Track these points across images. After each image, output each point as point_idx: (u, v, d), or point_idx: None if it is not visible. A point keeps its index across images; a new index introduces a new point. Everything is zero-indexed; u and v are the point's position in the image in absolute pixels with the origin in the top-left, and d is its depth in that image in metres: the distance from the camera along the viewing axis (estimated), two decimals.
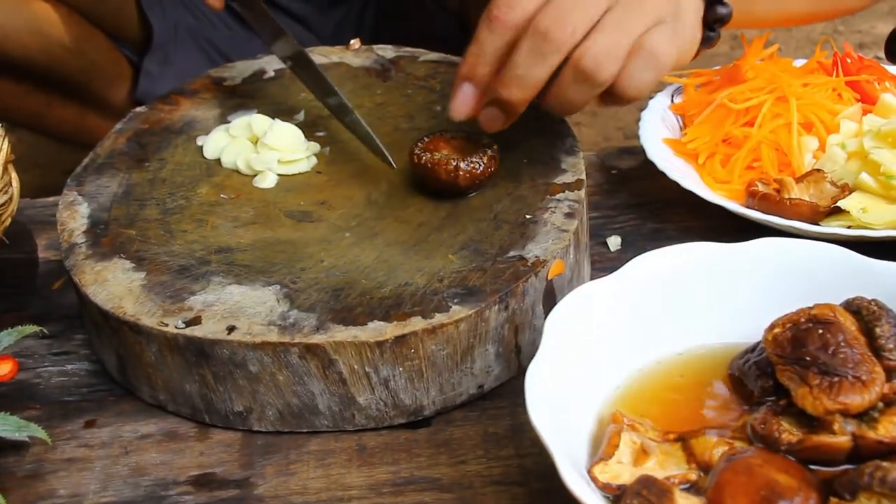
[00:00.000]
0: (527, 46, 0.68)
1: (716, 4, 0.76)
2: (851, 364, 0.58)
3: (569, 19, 0.67)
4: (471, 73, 0.71)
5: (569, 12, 0.68)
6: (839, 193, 0.82)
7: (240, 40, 1.32)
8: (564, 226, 0.74)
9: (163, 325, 0.68)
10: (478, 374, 0.71)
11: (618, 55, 0.69)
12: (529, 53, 0.68)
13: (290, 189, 0.82)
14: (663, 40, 0.70)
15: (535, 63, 0.69)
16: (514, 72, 0.69)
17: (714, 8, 0.76)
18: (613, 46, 0.69)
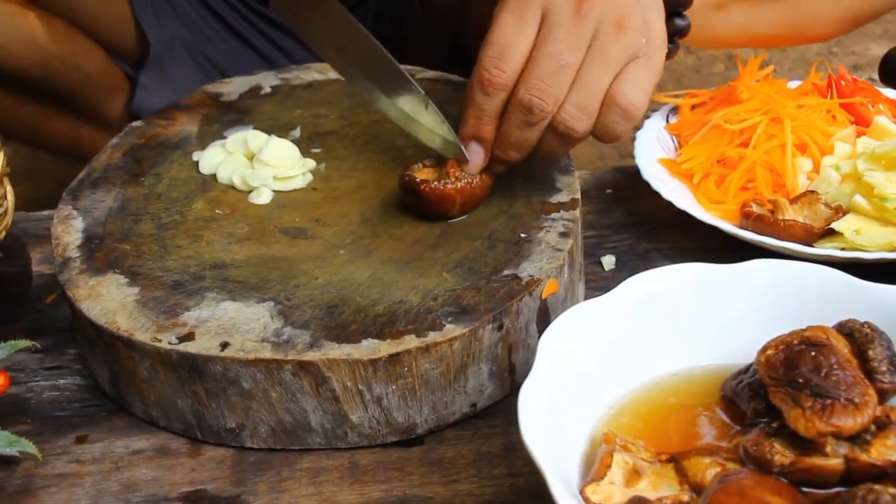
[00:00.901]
0: (515, 118, 0.74)
1: (674, 17, 0.78)
2: (844, 386, 0.58)
3: (550, 90, 0.72)
4: (476, 133, 0.76)
5: (548, 81, 0.72)
6: (833, 215, 0.82)
7: (236, 55, 1.33)
8: (559, 245, 0.74)
9: (156, 341, 0.68)
10: (471, 393, 0.71)
11: (592, 111, 0.73)
12: (519, 124, 0.74)
13: (286, 205, 0.82)
14: (636, 84, 0.73)
15: (525, 130, 0.74)
16: (508, 139, 0.75)
17: (672, 20, 0.78)
18: (588, 103, 0.73)
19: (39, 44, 1.17)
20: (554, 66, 0.71)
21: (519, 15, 0.73)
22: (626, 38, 0.72)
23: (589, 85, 0.72)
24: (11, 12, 1.14)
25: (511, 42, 0.72)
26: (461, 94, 0.93)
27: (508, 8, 0.73)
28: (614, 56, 0.72)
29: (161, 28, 1.31)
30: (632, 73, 0.73)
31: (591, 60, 0.72)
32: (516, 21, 0.73)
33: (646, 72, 0.74)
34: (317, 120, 0.92)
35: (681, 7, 0.78)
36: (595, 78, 0.72)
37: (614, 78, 0.73)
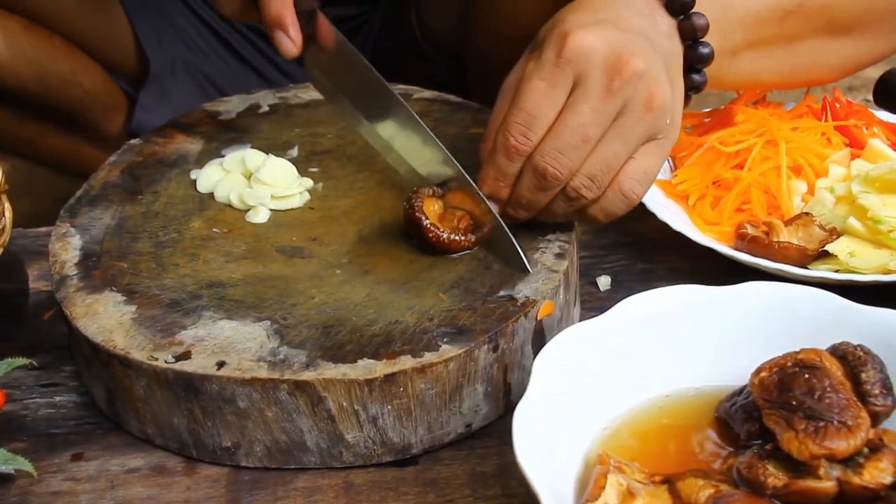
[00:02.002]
0: (529, 181, 0.74)
1: (692, 73, 0.78)
2: (837, 409, 0.59)
3: (567, 161, 0.72)
4: (494, 193, 0.76)
5: (568, 153, 0.72)
6: (827, 237, 0.83)
7: (236, 74, 1.33)
8: (555, 266, 0.75)
9: (153, 360, 0.69)
10: (466, 413, 0.71)
11: (603, 183, 0.74)
12: (532, 188, 0.74)
13: (283, 224, 0.82)
14: (645, 173, 0.74)
15: (537, 194, 0.74)
16: (520, 199, 0.75)
17: (690, 76, 0.78)
18: (601, 176, 0.73)
19: (39, 61, 1.17)
20: (576, 139, 0.71)
21: (551, 83, 0.72)
22: (651, 118, 0.72)
23: (606, 158, 0.72)
24: (12, 29, 1.14)
25: (540, 111, 0.72)
26: (459, 113, 0.94)
27: (540, 74, 0.72)
28: (636, 135, 0.72)
29: (161, 47, 1.31)
30: (644, 158, 0.74)
31: (614, 135, 0.72)
32: (547, 89, 0.72)
33: (657, 158, 0.74)
34: (314, 139, 0.92)
35: (700, 64, 0.78)
36: (613, 153, 0.72)
37: (630, 156, 0.73)
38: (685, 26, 0.76)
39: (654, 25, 0.75)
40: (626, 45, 0.71)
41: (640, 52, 0.71)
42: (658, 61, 0.73)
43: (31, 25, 1.15)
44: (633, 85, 0.71)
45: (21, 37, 1.14)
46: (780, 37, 0.83)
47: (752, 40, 0.82)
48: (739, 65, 0.83)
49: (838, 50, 0.87)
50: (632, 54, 0.71)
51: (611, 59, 0.71)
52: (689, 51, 0.77)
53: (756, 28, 0.81)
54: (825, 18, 0.84)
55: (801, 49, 0.85)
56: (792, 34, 0.84)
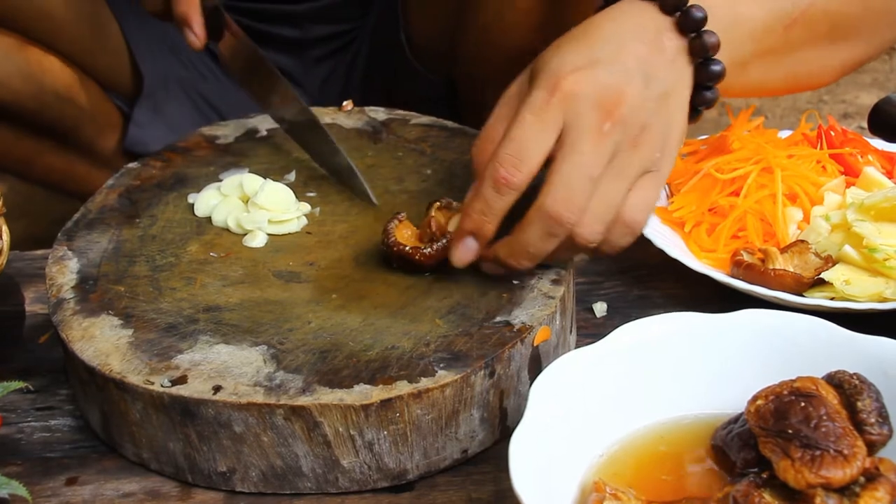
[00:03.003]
0: (538, 229, 0.72)
1: (703, 90, 0.78)
2: (833, 438, 0.59)
3: (577, 202, 0.71)
4: (477, 229, 0.74)
5: (577, 193, 0.71)
6: (823, 265, 0.83)
7: (229, 92, 1.33)
8: (551, 292, 0.75)
9: (149, 384, 0.69)
10: (462, 439, 0.71)
11: (608, 223, 0.74)
12: (542, 235, 0.73)
13: (280, 249, 0.82)
14: (644, 203, 0.75)
15: (546, 242, 0.73)
16: (526, 248, 0.73)
17: (701, 93, 0.79)
18: (605, 216, 0.73)
19: (35, 78, 1.17)
20: (582, 178, 0.71)
21: (541, 118, 0.72)
22: (642, 154, 0.73)
23: (607, 198, 0.73)
24: (8, 46, 1.14)
25: (530, 144, 0.72)
26: (456, 139, 0.94)
27: (530, 108, 0.72)
28: (630, 171, 0.73)
29: (156, 64, 1.32)
30: (642, 189, 0.74)
31: (610, 175, 0.72)
32: (538, 123, 0.72)
33: (654, 189, 0.75)
34: (312, 164, 0.92)
35: (711, 82, 0.78)
36: (613, 192, 0.73)
37: (627, 191, 0.74)
38: (696, 45, 0.76)
39: (658, 52, 0.76)
40: (617, 87, 0.72)
41: (630, 93, 0.72)
42: (650, 99, 0.73)
43: (27, 42, 1.16)
44: (622, 127, 0.72)
45: (17, 54, 1.15)
46: (787, 45, 0.84)
47: (761, 50, 0.82)
48: (748, 75, 0.83)
49: (839, 53, 0.88)
50: (618, 100, 0.72)
51: (601, 103, 0.72)
52: (700, 69, 0.77)
53: (764, 38, 0.82)
54: (827, 24, 0.85)
55: (806, 55, 0.86)
56: (797, 41, 0.84)
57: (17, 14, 1.14)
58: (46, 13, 1.16)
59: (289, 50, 1.32)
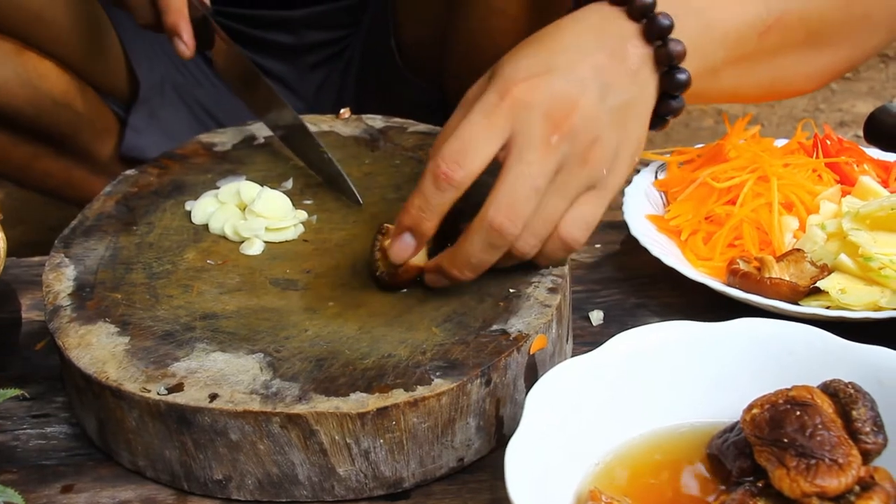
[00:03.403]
0: (480, 239, 0.72)
1: (668, 99, 0.78)
2: (828, 447, 0.59)
3: (521, 213, 0.71)
4: (415, 225, 0.73)
5: (522, 204, 0.71)
6: (818, 273, 0.83)
7: (225, 98, 1.34)
8: (547, 301, 0.75)
9: (145, 391, 0.69)
10: (458, 448, 0.71)
11: (544, 238, 0.74)
12: (484, 246, 0.72)
13: (277, 257, 0.82)
14: (583, 221, 0.74)
15: (488, 253, 0.73)
16: (468, 259, 0.73)
17: (666, 101, 0.78)
18: (542, 231, 0.73)
19: (32, 83, 1.18)
20: (527, 190, 0.70)
21: (488, 120, 0.71)
22: (587, 171, 0.72)
23: (546, 213, 0.72)
24: (5, 52, 1.15)
25: (475, 142, 0.71)
26: None
27: (479, 109, 0.71)
28: (573, 188, 0.72)
29: (152, 70, 1.32)
30: (583, 206, 0.74)
31: (553, 189, 0.72)
32: (484, 124, 0.71)
33: (596, 206, 0.74)
34: (308, 171, 0.93)
35: (677, 91, 0.77)
36: (553, 207, 0.72)
37: (569, 206, 0.73)
38: (661, 53, 0.76)
39: (619, 61, 0.75)
40: (569, 98, 0.72)
41: (583, 105, 0.72)
42: (604, 111, 0.73)
43: (24, 48, 1.16)
44: (570, 141, 0.71)
45: (14, 59, 1.15)
46: (761, 51, 0.83)
47: (734, 57, 0.81)
48: (720, 82, 0.83)
49: (818, 60, 0.88)
50: (569, 112, 0.71)
51: (551, 113, 0.71)
52: (665, 78, 0.77)
53: (736, 45, 0.81)
54: (804, 30, 0.84)
55: (782, 62, 0.85)
56: (772, 48, 0.83)
57: (14, 19, 1.14)
58: (44, 19, 1.16)
59: (283, 56, 1.33)
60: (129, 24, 1.26)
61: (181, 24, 0.94)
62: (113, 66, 1.29)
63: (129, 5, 0.98)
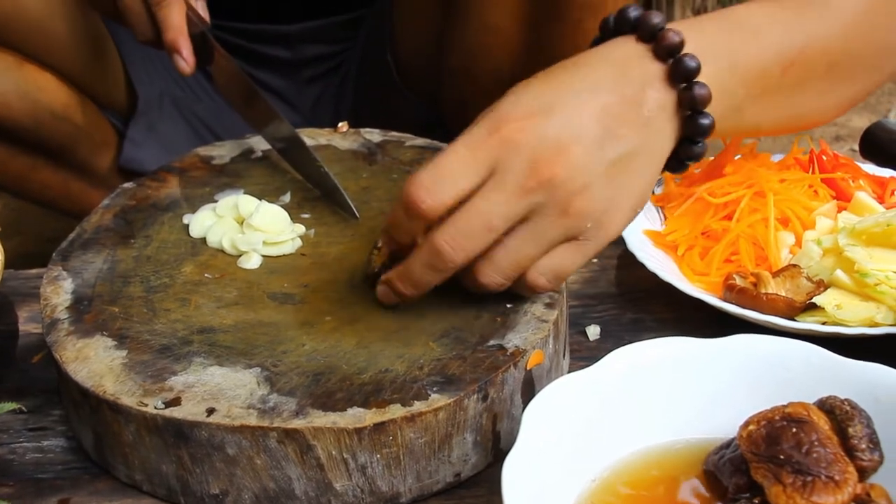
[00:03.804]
0: (423, 257, 0.71)
1: (689, 144, 0.75)
2: (825, 463, 0.59)
3: (465, 245, 0.70)
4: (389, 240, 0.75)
5: (468, 237, 0.69)
6: (815, 289, 0.83)
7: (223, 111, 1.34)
8: (544, 316, 0.75)
9: (142, 406, 0.69)
10: (455, 463, 0.71)
11: (510, 277, 0.72)
12: (424, 265, 0.71)
13: (274, 271, 0.82)
14: (556, 271, 0.72)
15: (428, 273, 0.72)
16: (411, 276, 0.73)
17: (687, 146, 0.76)
18: (508, 270, 0.72)
19: (31, 96, 1.18)
20: (479, 225, 0.69)
21: (471, 154, 0.69)
22: (567, 223, 0.70)
23: (514, 255, 0.71)
24: (5, 64, 1.15)
25: (452, 173, 0.69)
26: None
27: (465, 141, 0.70)
28: (548, 237, 0.71)
29: (151, 83, 1.32)
30: (556, 257, 0.72)
31: (523, 234, 0.70)
32: (465, 157, 0.69)
33: (574, 257, 0.72)
34: (306, 185, 0.93)
35: (699, 136, 0.75)
36: (521, 251, 0.71)
37: (542, 254, 0.72)
38: (685, 97, 0.73)
39: (632, 108, 0.72)
40: (559, 144, 0.69)
41: (573, 154, 0.69)
42: (600, 161, 0.70)
43: (24, 60, 1.16)
44: (548, 190, 0.69)
45: (14, 71, 1.16)
46: (784, 86, 0.81)
47: (756, 94, 0.80)
48: (743, 120, 0.81)
49: (837, 92, 0.86)
50: (555, 159, 0.69)
51: (535, 158, 0.69)
52: (688, 122, 0.74)
53: (759, 82, 0.79)
54: (826, 63, 0.83)
55: (802, 96, 0.84)
56: (795, 82, 0.82)
57: (14, 32, 1.15)
58: (44, 31, 1.17)
59: (281, 70, 1.33)
60: (129, 37, 1.26)
61: (181, 40, 0.95)
62: (112, 79, 1.29)
63: (129, 22, 0.99)
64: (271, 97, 1.35)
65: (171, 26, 0.95)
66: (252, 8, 1.30)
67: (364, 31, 1.32)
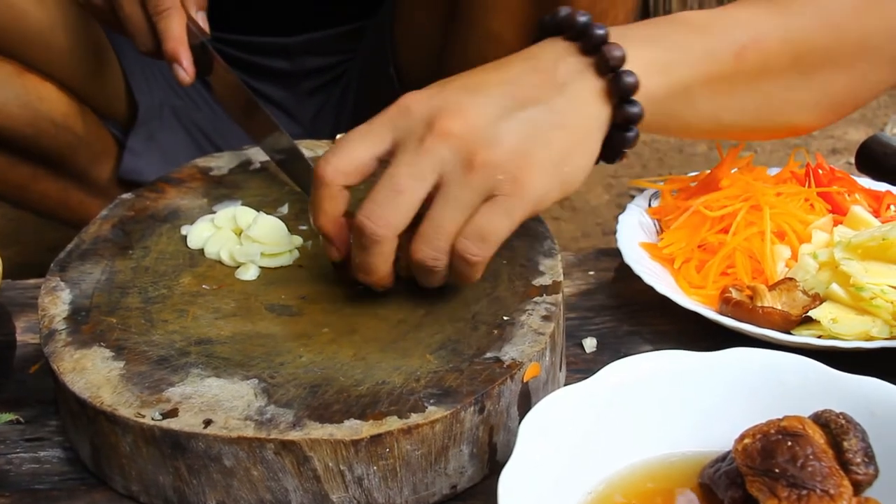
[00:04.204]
0: (355, 241, 0.74)
1: (624, 104, 0.75)
2: (820, 477, 0.59)
3: (382, 213, 0.71)
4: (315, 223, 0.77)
5: (382, 204, 0.71)
6: (810, 303, 0.84)
7: (223, 122, 1.35)
8: (541, 329, 0.75)
9: (139, 417, 0.69)
10: (451, 475, 0.71)
11: (442, 248, 0.73)
12: (358, 246, 0.74)
13: (272, 282, 0.83)
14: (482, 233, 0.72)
15: (363, 254, 0.74)
16: (354, 260, 0.75)
17: (622, 107, 0.75)
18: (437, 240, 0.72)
19: (32, 105, 1.19)
20: (388, 190, 0.71)
21: (370, 126, 0.74)
22: (475, 179, 0.70)
23: (436, 223, 0.72)
24: (6, 73, 1.16)
25: (349, 145, 0.74)
26: None
27: (377, 118, 0.74)
28: (463, 198, 0.71)
29: (151, 93, 1.33)
30: (482, 217, 0.71)
31: (441, 200, 0.71)
32: (365, 129, 0.74)
33: (499, 217, 0.71)
34: (304, 196, 0.93)
35: (625, 94, 0.74)
36: (446, 218, 0.71)
37: (469, 218, 0.72)
38: (614, 86, 0.74)
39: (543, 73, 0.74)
40: (453, 104, 0.71)
41: (473, 111, 0.71)
42: (503, 119, 0.71)
43: (25, 69, 1.17)
44: (448, 143, 0.70)
45: (15, 80, 1.16)
46: (741, 73, 0.81)
47: (706, 76, 0.79)
48: (696, 104, 0.80)
49: (810, 87, 0.85)
50: (453, 113, 0.71)
51: (430, 116, 0.71)
52: (617, 110, 0.75)
53: (707, 62, 0.79)
54: (790, 54, 0.83)
55: (767, 87, 0.83)
56: (753, 71, 0.81)
57: (15, 41, 1.15)
58: (45, 41, 1.17)
59: (281, 82, 1.34)
60: (129, 47, 1.27)
61: (181, 51, 0.96)
62: (112, 89, 1.30)
63: (130, 33, 1.00)
64: (271, 108, 1.35)
65: (172, 37, 0.96)
66: (252, 20, 1.30)
67: (365, 43, 1.33)
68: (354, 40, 1.33)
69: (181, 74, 0.97)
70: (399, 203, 0.71)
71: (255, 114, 0.96)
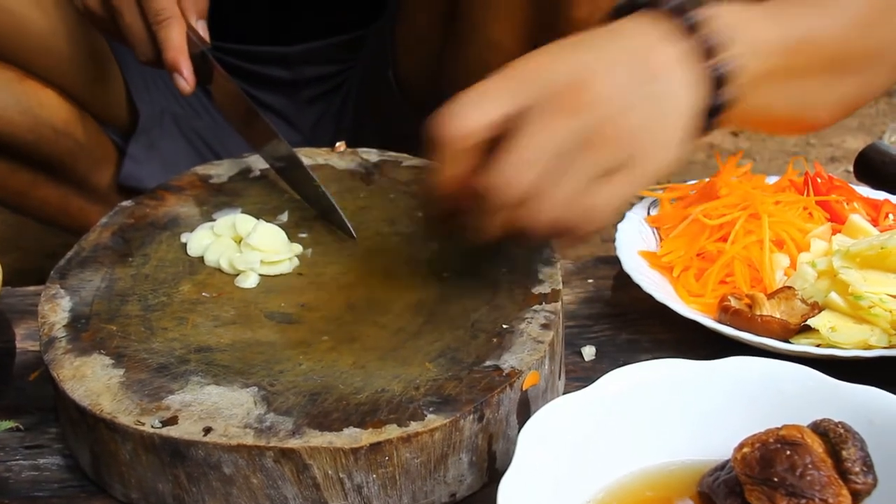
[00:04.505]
0: (479, 202, 0.72)
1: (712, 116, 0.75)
2: (818, 486, 0.59)
3: (517, 179, 0.70)
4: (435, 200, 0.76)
5: (517, 169, 0.70)
6: (809, 311, 0.84)
7: (223, 129, 1.35)
8: (540, 337, 0.75)
9: (139, 424, 0.69)
10: (451, 483, 0.71)
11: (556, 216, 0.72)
12: (481, 208, 0.72)
13: (272, 290, 0.83)
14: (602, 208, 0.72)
15: (482, 219, 0.73)
16: (472, 221, 0.74)
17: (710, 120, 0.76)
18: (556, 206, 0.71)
19: (33, 111, 1.19)
20: (519, 159, 0.70)
21: (497, 85, 0.72)
22: (597, 156, 0.70)
23: (558, 196, 0.71)
24: (7, 80, 1.16)
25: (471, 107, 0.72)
26: None
27: (489, 80, 0.72)
28: (583, 174, 0.71)
29: (151, 100, 1.33)
30: (604, 191, 0.72)
31: (563, 175, 0.70)
32: (493, 88, 0.72)
33: (621, 188, 0.72)
34: (304, 204, 0.93)
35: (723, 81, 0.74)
36: (565, 192, 0.71)
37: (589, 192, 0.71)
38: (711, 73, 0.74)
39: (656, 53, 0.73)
40: (592, 72, 0.70)
41: (607, 80, 0.70)
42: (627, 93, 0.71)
43: (26, 76, 1.17)
44: (589, 112, 0.70)
45: (15, 87, 1.16)
46: (789, 70, 0.81)
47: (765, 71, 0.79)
48: (755, 97, 0.80)
49: (839, 88, 0.86)
50: (591, 82, 0.70)
51: (554, 86, 0.70)
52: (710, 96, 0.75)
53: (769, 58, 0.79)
54: (829, 54, 0.83)
55: (809, 85, 0.83)
56: (800, 68, 0.82)
57: (16, 48, 1.15)
58: (46, 48, 1.17)
59: (281, 91, 1.34)
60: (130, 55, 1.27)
61: (181, 60, 0.96)
62: (113, 96, 1.30)
63: (131, 42, 1.00)
64: (271, 117, 1.35)
65: (172, 46, 0.96)
66: (252, 30, 1.31)
67: (365, 51, 1.33)
68: (354, 49, 1.33)
69: (181, 84, 0.97)
70: (533, 170, 0.70)
71: (255, 122, 0.97)
